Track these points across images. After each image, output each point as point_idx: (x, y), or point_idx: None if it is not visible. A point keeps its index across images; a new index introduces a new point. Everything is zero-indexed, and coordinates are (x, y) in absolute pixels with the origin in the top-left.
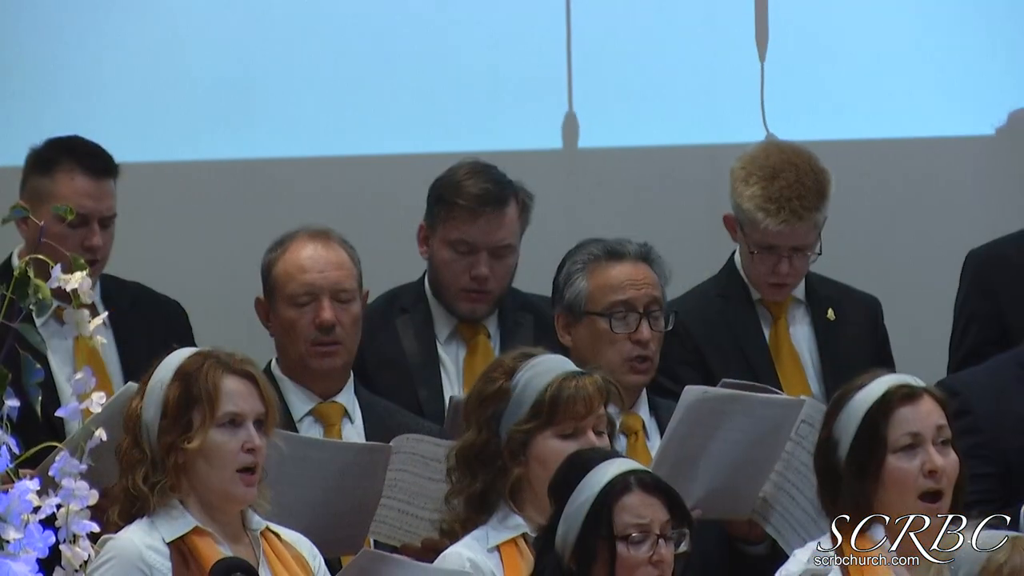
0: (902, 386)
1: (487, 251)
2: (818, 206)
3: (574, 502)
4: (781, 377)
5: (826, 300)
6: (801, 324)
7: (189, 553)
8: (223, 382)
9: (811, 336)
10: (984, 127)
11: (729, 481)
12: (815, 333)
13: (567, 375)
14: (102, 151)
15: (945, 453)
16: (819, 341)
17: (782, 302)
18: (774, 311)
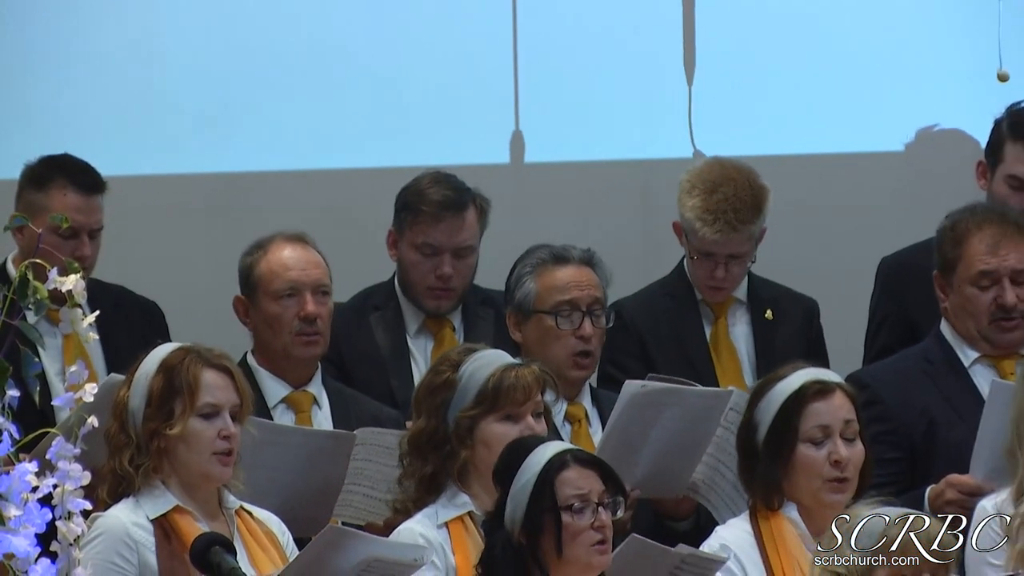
0: (816, 381)
1: (450, 252)
2: (753, 219)
3: (518, 482)
4: (718, 371)
5: (766, 301)
6: (741, 322)
7: (171, 529)
8: (202, 375)
9: (749, 334)
10: (895, 144)
11: (665, 464)
12: (753, 331)
13: (507, 366)
14: (92, 169)
15: (851, 445)
16: (756, 338)
17: (724, 302)
18: (716, 310)
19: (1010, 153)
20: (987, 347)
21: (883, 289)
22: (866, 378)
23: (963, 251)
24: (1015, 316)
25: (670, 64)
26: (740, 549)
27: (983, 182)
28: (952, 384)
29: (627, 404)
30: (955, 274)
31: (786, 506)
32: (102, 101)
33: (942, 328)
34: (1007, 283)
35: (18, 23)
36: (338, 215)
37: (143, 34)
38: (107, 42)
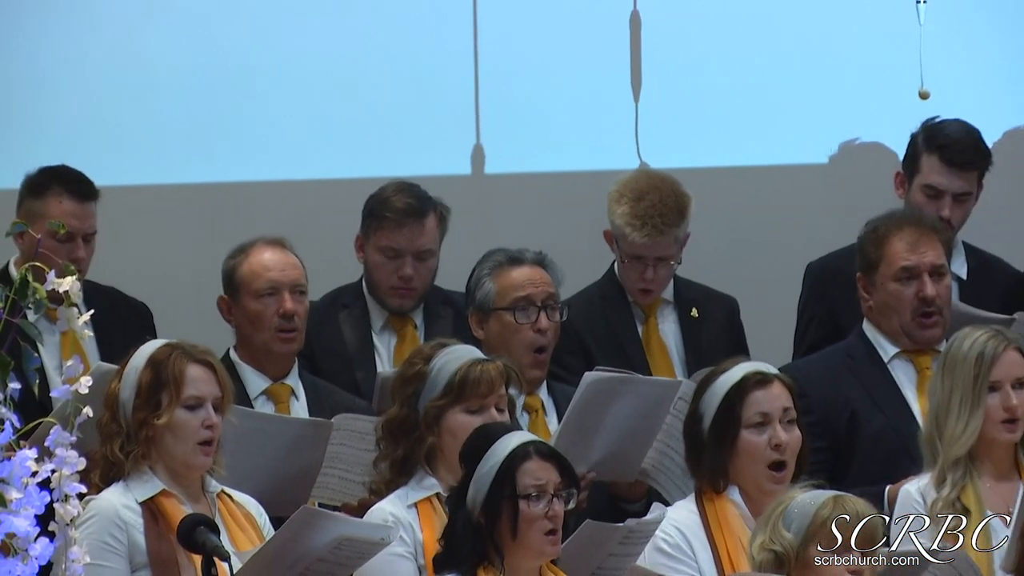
0: (756, 372)
1: (412, 255)
2: (677, 223)
3: (482, 468)
4: (651, 366)
5: (691, 301)
6: (669, 321)
7: (158, 511)
8: (187, 369)
9: (677, 331)
10: (820, 157)
11: (619, 449)
12: (680, 328)
13: (474, 361)
14: (85, 178)
15: (789, 430)
16: (684, 335)
17: (653, 302)
18: (646, 310)
19: (926, 164)
20: (907, 343)
21: (810, 291)
22: (793, 373)
23: (885, 251)
24: (934, 311)
25: (618, 84)
26: (688, 529)
27: (901, 191)
28: (873, 378)
29: (585, 391)
30: (878, 273)
31: (730, 489)
32: (97, 116)
33: (864, 326)
34: (927, 277)
35: (22, 45)
36: (312, 221)
37: (135, 56)
38: (103, 62)
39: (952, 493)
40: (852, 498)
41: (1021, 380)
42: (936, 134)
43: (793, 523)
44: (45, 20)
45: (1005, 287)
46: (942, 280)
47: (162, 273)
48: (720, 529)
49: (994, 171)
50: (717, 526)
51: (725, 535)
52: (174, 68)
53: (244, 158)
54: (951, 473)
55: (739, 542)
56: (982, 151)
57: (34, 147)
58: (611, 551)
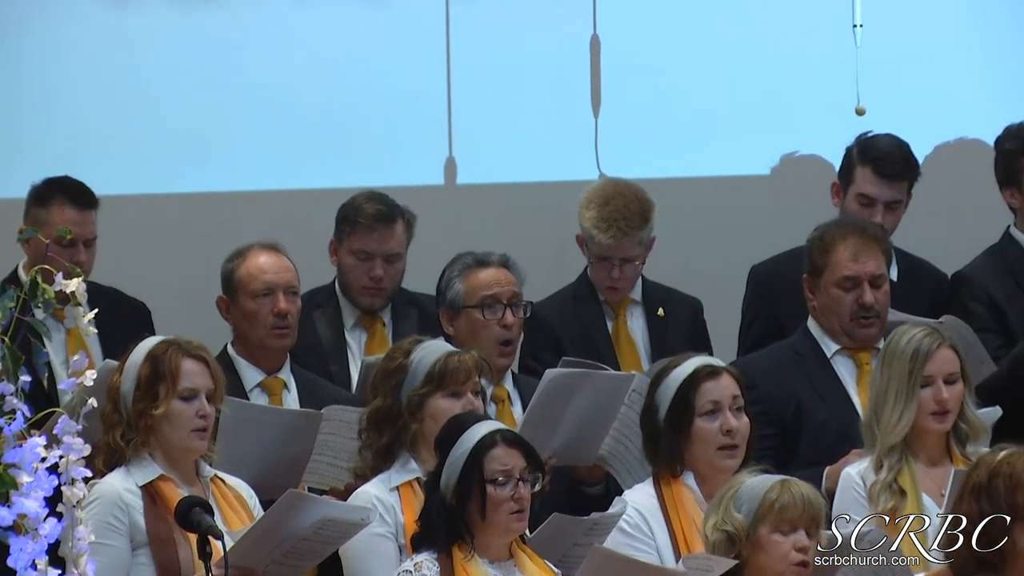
0: (706, 365)
1: (381, 258)
2: (641, 226)
3: (454, 454)
4: (620, 360)
5: (658, 300)
6: (637, 319)
7: (156, 494)
8: (183, 364)
9: (644, 328)
10: (763, 168)
11: (578, 436)
12: (648, 326)
13: (451, 352)
14: (86, 188)
15: (739, 417)
16: (650, 332)
17: (622, 301)
18: (616, 309)
19: (860, 175)
20: (847, 341)
21: (753, 292)
22: (744, 366)
23: (830, 258)
24: (871, 315)
25: (579, 101)
26: (646, 511)
27: (837, 200)
28: (817, 372)
29: (547, 385)
30: (822, 277)
31: (685, 474)
32: (98, 132)
33: (809, 324)
34: (867, 286)
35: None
36: (294, 227)
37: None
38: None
39: (889, 476)
40: (797, 482)
41: (952, 376)
42: (869, 147)
43: (743, 505)
44: (51, 41)
45: (932, 289)
46: (881, 288)
47: (159, 275)
48: (676, 511)
49: (922, 181)
50: (674, 508)
51: (681, 516)
52: (170, 88)
53: (233, 169)
54: (887, 459)
55: (694, 523)
56: (911, 163)
57: (40, 159)
58: (576, 541)
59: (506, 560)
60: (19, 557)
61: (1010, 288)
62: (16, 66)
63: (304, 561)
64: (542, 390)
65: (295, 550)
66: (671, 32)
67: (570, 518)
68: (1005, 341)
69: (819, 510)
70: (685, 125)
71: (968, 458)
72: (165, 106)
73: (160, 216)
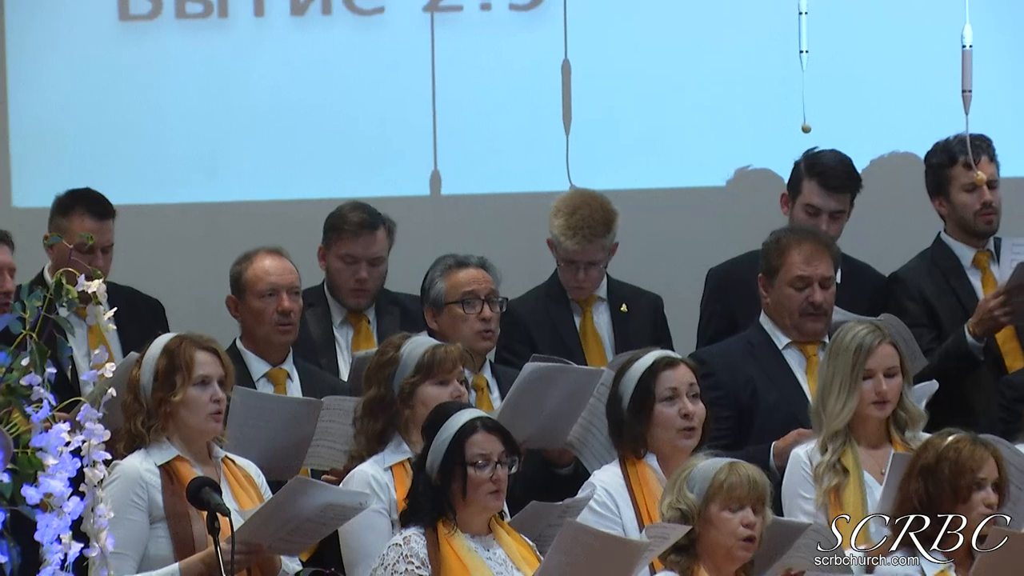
0: (665, 357)
1: (365, 261)
2: (604, 233)
3: (439, 439)
4: (586, 352)
5: (621, 297)
6: (602, 315)
7: (173, 473)
8: (196, 355)
9: (609, 323)
10: (719, 180)
11: (550, 423)
12: (612, 321)
13: (438, 344)
14: (104, 199)
15: (695, 403)
16: (614, 327)
17: (589, 298)
18: (583, 306)
19: (807, 187)
20: (796, 335)
21: (711, 293)
22: (704, 356)
23: (784, 260)
24: (820, 312)
25: (552, 119)
26: (613, 489)
27: (786, 210)
28: (769, 361)
29: (525, 378)
30: (777, 277)
31: (648, 456)
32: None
33: (762, 319)
34: (816, 286)
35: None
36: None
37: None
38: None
39: (833, 457)
40: (744, 464)
41: (892, 369)
42: (815, 162)
43: (695, 486)
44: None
45: (872, 289)
46: (828, 288)
47: (173, 276)
48: (641, 489)
49: (862, 192)
50: (638, 486)
51: (645, 494)
52: (181, 108)
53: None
54: (832, 442)
55: (656, 500)
56: (853, 176)
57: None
58: (550, 523)
59: (486, 535)
60: (45, 532)
61: (941, 288)
62: (43, 87)
63: (307, 539)
64: (521, 380)
65: (299, 529)
66: (635, 58)
67: (546, 504)
68: (936, 336)
69: (764, 489)
70: (648, 141)
71: (906, 442)
72: (177, 124)
73: (173, 223)
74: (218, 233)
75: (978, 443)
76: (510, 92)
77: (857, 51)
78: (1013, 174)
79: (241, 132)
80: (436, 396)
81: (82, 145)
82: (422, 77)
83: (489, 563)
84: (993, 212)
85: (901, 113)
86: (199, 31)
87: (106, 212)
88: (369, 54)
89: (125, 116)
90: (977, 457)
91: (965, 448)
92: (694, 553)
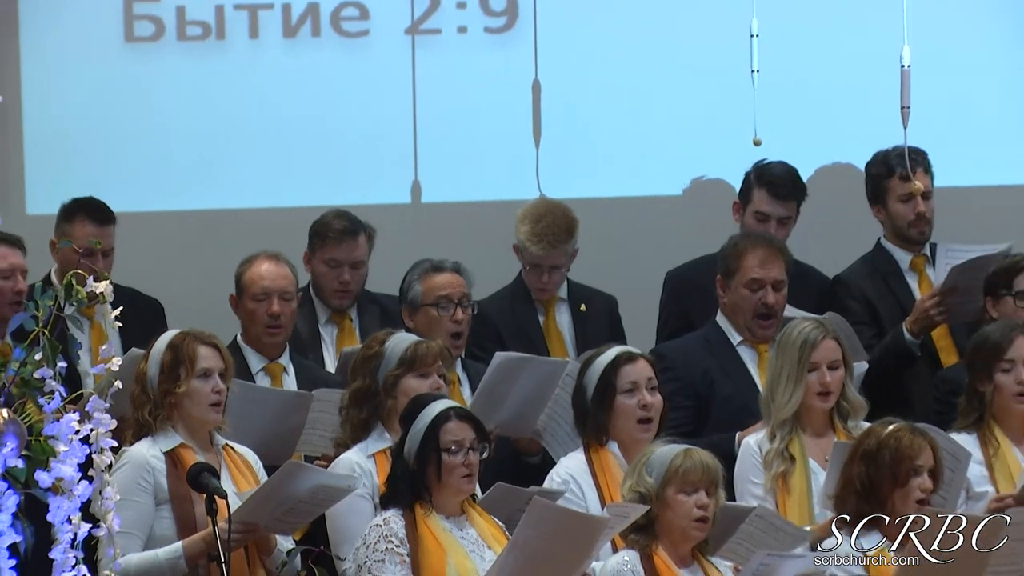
0: (626, 352)
1: (348, 265)
2: (567, 240)
3: (416, 427)
4: (549, 348)
5: (580, 298)
6: (564, 314)
7: (177, 459)
8: (198, 349)
9: (570, 322)
10: (676, 189)
11: (519, 412)
12: (572, 320)
13: (420, 340)
14: (105, 206)
15: (653, 395)
16: (575, 325)
17: (551, 299)
18: (546, 306)
19: (756, 196)
20: (748, 335)
21: (669, 294)
22: (665, 351)
23: (741, 263)
24: (771, 314)
25: (523, 133)
26: (578, 475)
27: (737, 216)
28: (724, 356)
29: (496, 367)
30: (734, 279)
31: (610, 443)
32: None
33: (718, 318)
34: (770, 289)
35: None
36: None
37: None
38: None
39: (781, 445)
40: (698, 450)
41: (835, 363)
42: (764, 172)
43: (654, 471)
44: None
45: (817, 289)
46: (780, 291)
47: (173, 277)
48: (603, 474)
49: (808, 199)
50: (601, 471)
51: (607, 479)
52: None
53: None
54: (780, 431)
55: (618, 484)
56: (800, 186)
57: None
58: (519, 507)
59: (459, 516)
60: (57, 513)
61: (881, 289)
62: (55, 103)
63: (299, 519)
64: (491, 370)
65: (292, 510)
66: (600, 77)
67: (513, 488)
68: (876, 333)
69: (717, 473)
70: (611, 153)
71: (849, 431)
72: (177, 137)
73: (173, 228)
74: (214, 237)
75: (916, 432)
76: (485, 108)
77: (804, 71)
78: (947, 184)
79: (236, 144)
80: (417, 388)
81: (90, 156)
82: (403, 94)
83: (462, 541)
84: (926, 222)
85: (844, 127)
86: (198, 52)
87: (106, 218)
88: (355, 73)
89: (130, 129)
90: (915, 445)
91: (904, 437)
92: (652, 532)
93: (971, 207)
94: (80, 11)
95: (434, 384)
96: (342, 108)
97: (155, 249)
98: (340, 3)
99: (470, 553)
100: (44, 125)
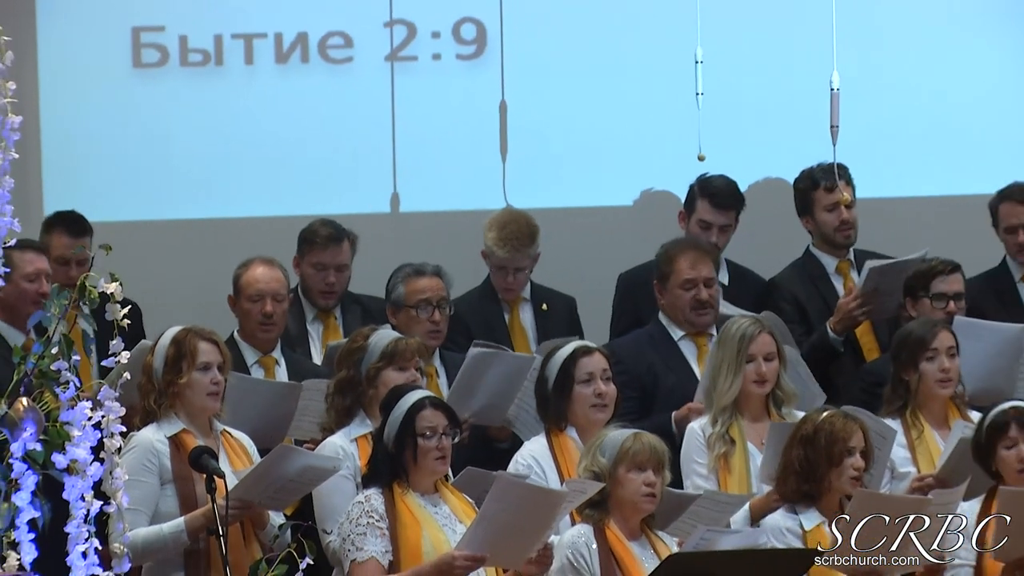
0: (583, 346)
1: (333, 268)
2: (529, 245)
3: (394, 414)
4: (514, 344)
5: (542, 298)
6: (527, 312)
7: (180, 443)
8: (199, 344)
9: (532, 320)
10: (627, 200)
11: (491, 402)
12: (535, 318)
13: (400, 337)
14: (81, 219)
15: (608, 384)
16: (537, 323)
17: (516, 299)
18: (511, 305)
19: (700, 206)
20: (688, 327)
21: (620, 295)
22: (614, 347)
23: (673, 267)
24: (706, 307)
25: (490, 149)
26: (541, 457)
27: (683, 224)
28: (667, 350)
29: (471, 360)
30: (668, 282)
31: (568, 428)
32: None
33: (660, 317)
34: (702, 286)
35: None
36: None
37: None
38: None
39: (722, 429)
40: (646, 434)
41: (770, 355)
42: (707, 185)
43: (606, 452)
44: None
45: (755, 290)
46: (712, 287)
47: (173, 278)
48: (562, 455)
49: (747, 210)
50: (561, 454)
51: (566, 460)
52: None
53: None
54: (721, 416)
55: (575, 464)
56: (738, 197)
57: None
58: (485, 489)
59: (433, 494)
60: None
61: (810, 292)
62: (70, 123)
63: (290, 496)
64: (467, 363)
65: (283, 488)
66: (560, 99)
67: (481, 471)
68: (806, 331)
69: (663, 455)
70: (569, 167)
71: (783, 417)
72: (180, 153)
73: (176, 235)
74: (213, 243)
75: (848, 417)
76: (457, 127)
77: (744, 93)
78: (869, 195)
79: (233, 159)
80: (396, 380)
81: (102, 170)
82: (383, 114)
83: (436, 516)
84: (851, 228)
85: (780, 144)
86: (199, 76)
87: (80, 230)
88: (340, 95)
89: (137, 146)
90: (848, 429)
91: (837, 421)
92: (605, 508)
93: (890, 216)
94: (93, 40)
95: (411, 377)
96: (328, 127)
97: (159, 253)
98: (327, 33)
99: (443, 527)
100: (60, 142)
